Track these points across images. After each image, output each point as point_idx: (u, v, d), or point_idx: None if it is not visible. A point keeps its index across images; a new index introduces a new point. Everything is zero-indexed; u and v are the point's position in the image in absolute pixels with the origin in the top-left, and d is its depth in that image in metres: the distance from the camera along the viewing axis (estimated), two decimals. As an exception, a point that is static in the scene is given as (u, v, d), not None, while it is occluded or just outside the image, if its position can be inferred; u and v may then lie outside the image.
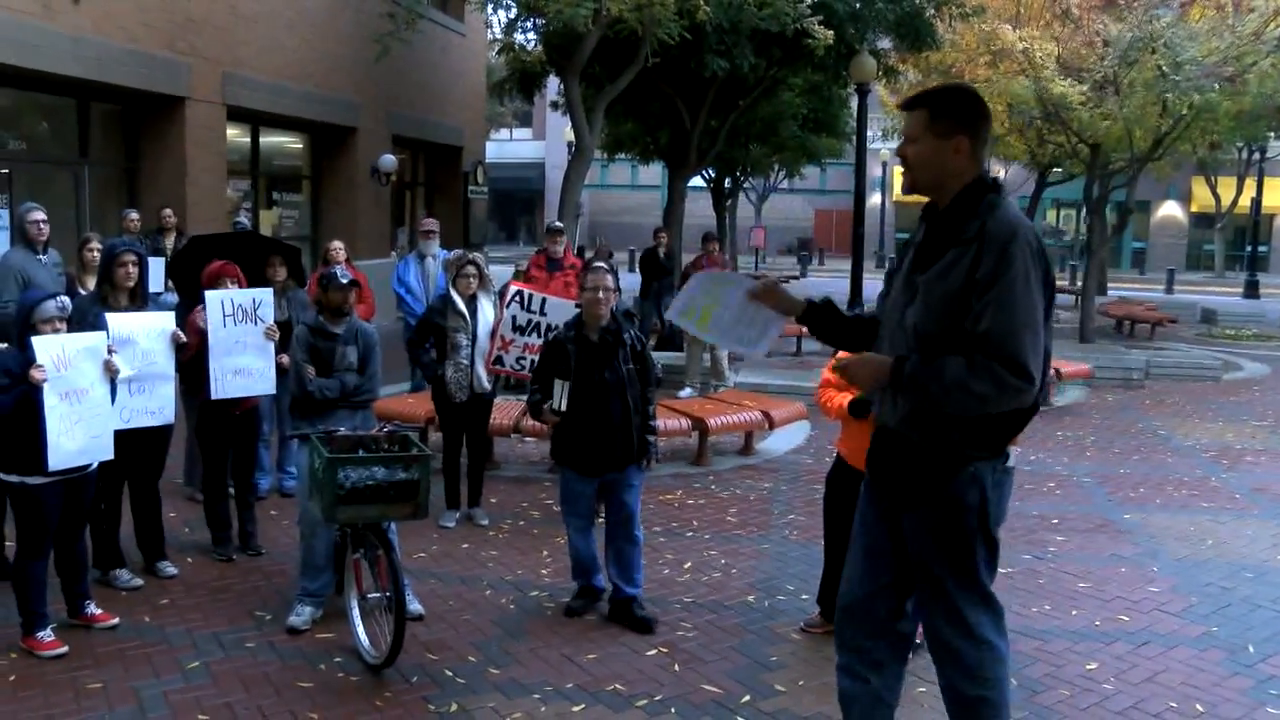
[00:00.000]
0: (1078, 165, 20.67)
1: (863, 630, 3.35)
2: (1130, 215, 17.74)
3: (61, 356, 4.59)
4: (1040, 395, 3.02)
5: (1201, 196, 37.82)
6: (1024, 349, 2.88)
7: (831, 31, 12.82)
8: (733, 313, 3.53)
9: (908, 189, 3.20)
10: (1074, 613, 5.49)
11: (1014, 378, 2.88)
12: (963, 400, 2.94)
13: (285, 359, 5.85)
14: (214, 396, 5.83)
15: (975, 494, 3.08)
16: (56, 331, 4.65)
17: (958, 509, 3.09)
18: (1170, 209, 41.48)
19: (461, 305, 6.68)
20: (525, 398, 5.98)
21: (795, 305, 3.44)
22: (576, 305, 5.66)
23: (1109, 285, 27.11)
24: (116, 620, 5.03)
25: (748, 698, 4.43)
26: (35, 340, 4.54)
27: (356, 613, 4.84)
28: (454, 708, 4.30)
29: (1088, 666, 4.81)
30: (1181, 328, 19.49)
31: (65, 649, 4.68)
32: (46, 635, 4.72)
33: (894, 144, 3.65)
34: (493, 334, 6.87)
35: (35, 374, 4.47)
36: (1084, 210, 23.16)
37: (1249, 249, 31.82)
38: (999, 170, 34.69)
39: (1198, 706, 4.43)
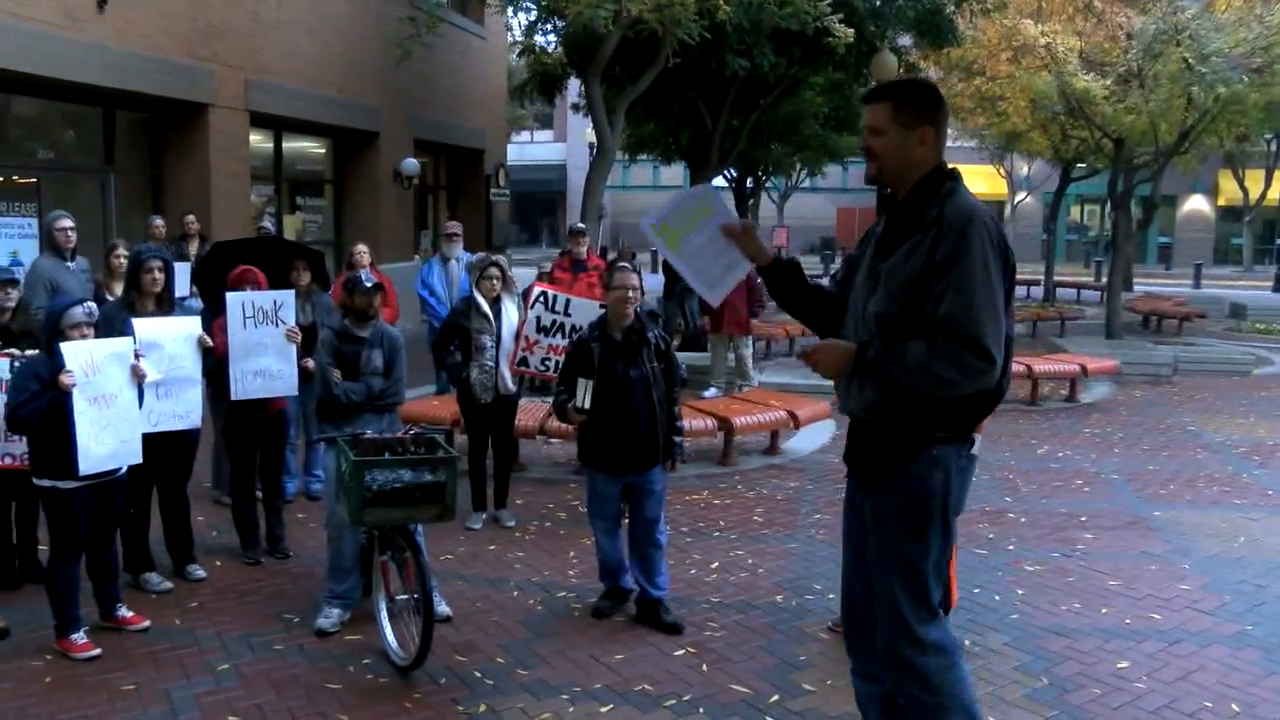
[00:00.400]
0: (1102, 160, 20.50)
1: (867, 630, 3.33)
2: (1156, 210, 17.57)
3: (90, 362, 4.64)
4: (1004, 380, 3.05)
5: (1229, 190, 37.39)
6: (984, 331, 2.91)
7: (852, 29, 12.76)
8: (703, 242, 3.53)
9: (871, 178, 3.26)
10: (1104, 611, 5.44)
11: (975, 359, 2.91)
12: (925, 383, 2.96)
13: (310, 363, 5.88)
14: (234, 398, 5.87)
15: (939, 477, 3.08)
16: (84, 337, 4.69)
17: (920, 490, 3.08)
18: (1197, 203, 41.06)
19: (485, 307, 6.69)
20: (550, 399, 5.99)
21: (763, 254, 3.44)
22: (601, 306, 5.66)
23: (1135, 281, 26.89)
24: (147, 623, 5.07)
25: (776, 697, 4.42)
26: (64, 346, 4.59)
27: (384, 615, 4.85)
28: (482, 709, 4.30)
29: (1119, 665, 4.76)
30: (1210, 322, 19.26)
31: (98, 651, 4.73)
32: (80, 637, 4.77)
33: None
34: (517, 335, 6.89)
35: (64, 379, 4.52)
36: (1109, 205, 22.99)
37: (1278, 242, 31.47)
38: (1023, 166, 34.51)
39: (1234, 706, 4.37)
